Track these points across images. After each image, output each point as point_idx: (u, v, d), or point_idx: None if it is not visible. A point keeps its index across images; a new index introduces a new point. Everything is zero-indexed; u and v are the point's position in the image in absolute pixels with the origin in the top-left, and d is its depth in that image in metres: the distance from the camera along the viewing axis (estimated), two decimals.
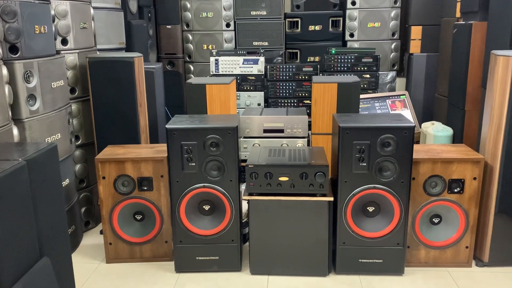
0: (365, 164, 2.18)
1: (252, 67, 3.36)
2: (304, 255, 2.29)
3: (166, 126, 2.21)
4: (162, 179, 2.39)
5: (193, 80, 2.74)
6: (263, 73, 3.42)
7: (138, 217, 2.49)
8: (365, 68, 3.34)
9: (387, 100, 3.19)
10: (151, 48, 4.03)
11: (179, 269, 2.39)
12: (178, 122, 2.26)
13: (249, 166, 2.21)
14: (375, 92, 3.28)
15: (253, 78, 3.38)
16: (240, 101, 3.41)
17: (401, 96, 3.29)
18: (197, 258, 2.37)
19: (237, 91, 3.40)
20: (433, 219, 2.36)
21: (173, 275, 2.38)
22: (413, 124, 2.13)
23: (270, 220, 2.27)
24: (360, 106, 3.13)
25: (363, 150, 2.16)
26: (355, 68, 3.37)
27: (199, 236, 2.33)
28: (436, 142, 3.20)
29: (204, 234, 2.33)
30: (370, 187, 2.20)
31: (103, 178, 2.40)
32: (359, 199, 2.23)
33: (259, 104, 3.40)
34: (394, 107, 3.21)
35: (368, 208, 2.26)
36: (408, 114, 3.26)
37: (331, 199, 2.22)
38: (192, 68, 4.18)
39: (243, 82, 3.40)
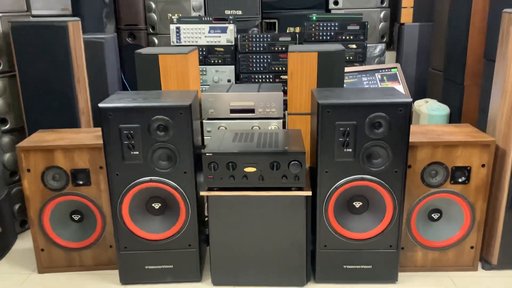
0: (350, 150, 1.75)
1: (220, 36, 2.88)
2: (277, 261, 1.88)
3: (100, 104, 1.74)
4: (101, 171, 1.94)
5: (144, 50, 2.26)
6: (233, 44, 2.95)
7: (76, 217, 2.04)
8: (351, 37, 2.88)
9: (376, 74, 2.76)
10: (107, 18, 3.52)
11: (125, 280, 1.96)
12: (116, 100, 1.80)
13: (207, 154, 1.77)
14: (362, 65, 2.84)
15: (221, 49, 2.90)
16: (207, 76, 2.93)
17: (392, 69, 2.85)
18: (146, 267, 1.93)
19: (203, 65, 2.94)
20: (432, 215, 1.95)
21: (117, 287, 1.95)
22: (410, 100, 1.70)
23: (235, 220, 1.84)
24: (345, 81, 2.69)
25: (348, 133, 1.73)
26: (340, 37, 2.90)
27: (148, 241, 1.89)
28: (431, 123, 2.79)
29: (154, 238, 1.89)
30: (357, 179, 1.78)
31: (28, 171, 1.93)
32: (343, 193, 1.80)
33: (229, 81, 2.93)
34: (384, 82, 2.77)
35: (354, 203, 1.84)
36: (400, 89, 2.83)
37: (309, 193, 1.79)
38: (156, 41, 3.68)
39: (210, 55, 2.92)
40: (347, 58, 2.87)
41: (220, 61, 2.94)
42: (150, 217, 1.90)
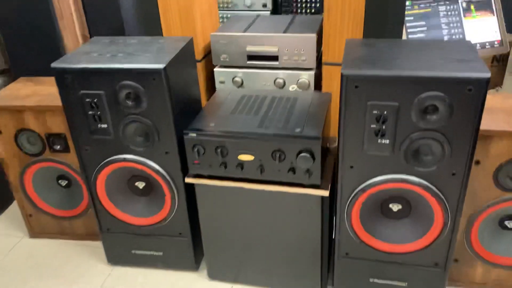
0: (387, 141, 1.21)
1: None
2: (286, 265, 1.49)
3: (52, 64, 1.33)
4: None
5: None
6: None
7: (63, 183, 1.77)
8: None
9: (459, 2, 2.00)
10: None
11: (113, 261, 1.71)
12: (78, 56, 1.38)
13: (190, 135, 1.33)
14: None
15: None
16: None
17: None
18: (133, 251, 1.65)
19: None
20: (506, 223, 1.41)
21: (105, 267, 1.71)
22: (487, 75, 1.08)
23: (229, 213, 1.45)
24: (412, 12, 1.99)
25: (385, 119, 1.18)
26: None
27: (132, 226, 1.58)
28: None
29: (138, 223, 1.57)
30: (395, 180, 1.26)
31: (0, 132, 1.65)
32: (374, 195, 1.31)
33: (264, 5, 2.34)
34: (471, 13, 2.01)
35: (390, 206, 1.35)
36: (492, 23, 2.06)
37: (326, 193, 1.32)
38: None
39: None
40: None
41: None
42: (133, 198, 1.56)
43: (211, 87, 1.91)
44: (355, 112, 1.19)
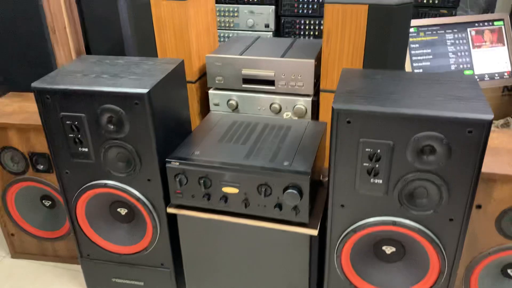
0: (380, 181, 1.13)
1: None
2: None
3: (33, 84, 1.28)
4: None
5: None
6: None
7: (47, 203, 1.70)
8: None
9: (468, 29, 1.91)
10: None
11: (92, 287, 1.63)
12: (61, 76, 1.32)
13: (172, 163, 1.26)
14: (451, 15, 2.00)
15: None
16: (239, 19, 2.30)
17: (495, 23, 1.97)
18: (113, 280, 1.57)
19: (235, 3, 2.30)
20: (509, 271, 1.31)
21: None
22: (489, 117, 1.00)
23: (213, 247, 1.36)
24: (418, 39, 1.91)
25: (379, 157, 1.10)
26: None
27: (112, 254, 1.51)
28: None
29: (119, 251, 1.50)
30: (387, 222, 1.17)
31: None
32: (365, 237, 1.22)
33: (266, 26, 2.28)
34: (480, 41, 1.92)
35: (383, 247, 1.26)
36: (502, 53, 1.97)
37: (314, 232, 1.24)
38: None
39: None
40: (430, 2, 2.04)
41: None
42: (115, 224, 1.49)
43: (205, 109, 1.85)
44: (347, 149, 1.11)
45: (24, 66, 1.80)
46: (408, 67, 1.81)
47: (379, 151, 1.09)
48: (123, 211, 1.46)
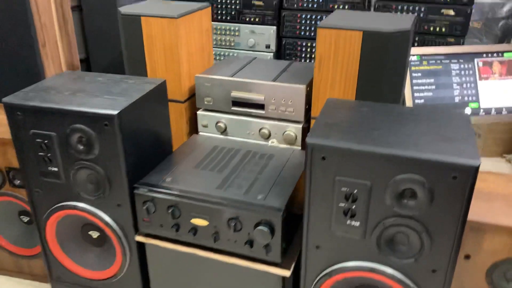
0: (357, 223, 1.04)
1: None
2: None
3: (4, 99, 1.23)
4: None
5: (128, 8, 1.67)
6: None
7: (25, 219, 1.65)
8: None
9: (476, 60, 1.81)
10: None
11: None
12: (35, 91, 1.27)
13: (140, 189, 1.19)
14: (459, 44, 1.90)
15: (260, 3, 2.16)
16: (240, 39, 2.25)
17: (505, 54, 1.86)
18: None
19: (236, 22, 2.25)
20: None
21: None
22: (475, 163, 0.90)
23: (181, 279, 1.28)
24: (421, 67, 1.81)
25: (356, 198, 1.01)
26: None
27: (82, 278, 1.44)
28: None
29: (89, 276, 1.43)
30: (366, 269, 1.07)
31: None
32: (342, 281, 1.12)
33: (267, 46, 2.22)
34: (488, 72, 1.81)
35: None
36: (511, 87, 1.86)
37: (287, 274, 1.15)
38: None
39: (245, 10, 2.20)
40: (438, 29, 1.95)
41: (258, 19, 2.21)
42: (86, 248, 1.42)
43: (194, 130, 1.78)
44: (322, 186, 1.03)
45: (14, 79, 1.77)
46: (409, 97, 1.72)
47: (355, 191, 1.00)
48: (94, 234, 1.40)
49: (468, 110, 1.78)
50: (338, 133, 1.01)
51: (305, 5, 2.13)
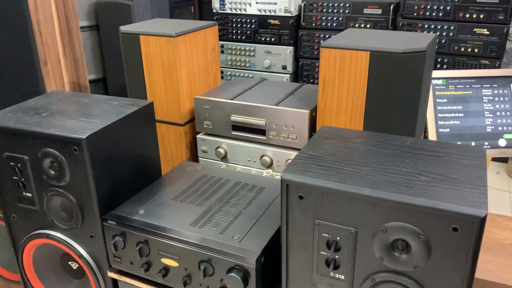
0: (342, 277, 0.87)
1: (275, 3, 2.02)
2: None
3: None
4: None
5: (129, 27, 1.60)
6: (294, 15, 2.06)
7: None
8: (482, 16, 1.73)
9: None
10: None
11: None
12: (14, 111, 1.21)
13: (109, 222, 1.09)
14: (494, 66, 1.68)
15: (276, 22, 2.05)
16: (256, 59, 2.13)
17: None
18: None
19: (251, 42, 2.15)
20: None
21: None
22: (482, 213, 0.72)
23: None
24: (447, 93, 1.62)
25: (339, 247, 0.85)
26: (461, 15, 1.77)
27: None
28: None
29: None
30: None
31: None
32: None
33: (284, 67, 2.09)
34: None
35: None
36: None
37: None
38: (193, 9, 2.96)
39: (261, 29, 2.09)
40: (469, 50, 1.75)
41: (274, 39, 2.10)
42: (66, 279, 1.33)
43: (195, 154, 1.68)
44: (301, 230, 0.88)
45: (14, 97, 1.74)
46: (432, 126, 1.54)
47: (338, 238, 0.84)
48: (74, 265, 1.30)
49: (502, 142, 1.56)
50: (319, 168, 0.86)
51: (323, 24, 1.98)
